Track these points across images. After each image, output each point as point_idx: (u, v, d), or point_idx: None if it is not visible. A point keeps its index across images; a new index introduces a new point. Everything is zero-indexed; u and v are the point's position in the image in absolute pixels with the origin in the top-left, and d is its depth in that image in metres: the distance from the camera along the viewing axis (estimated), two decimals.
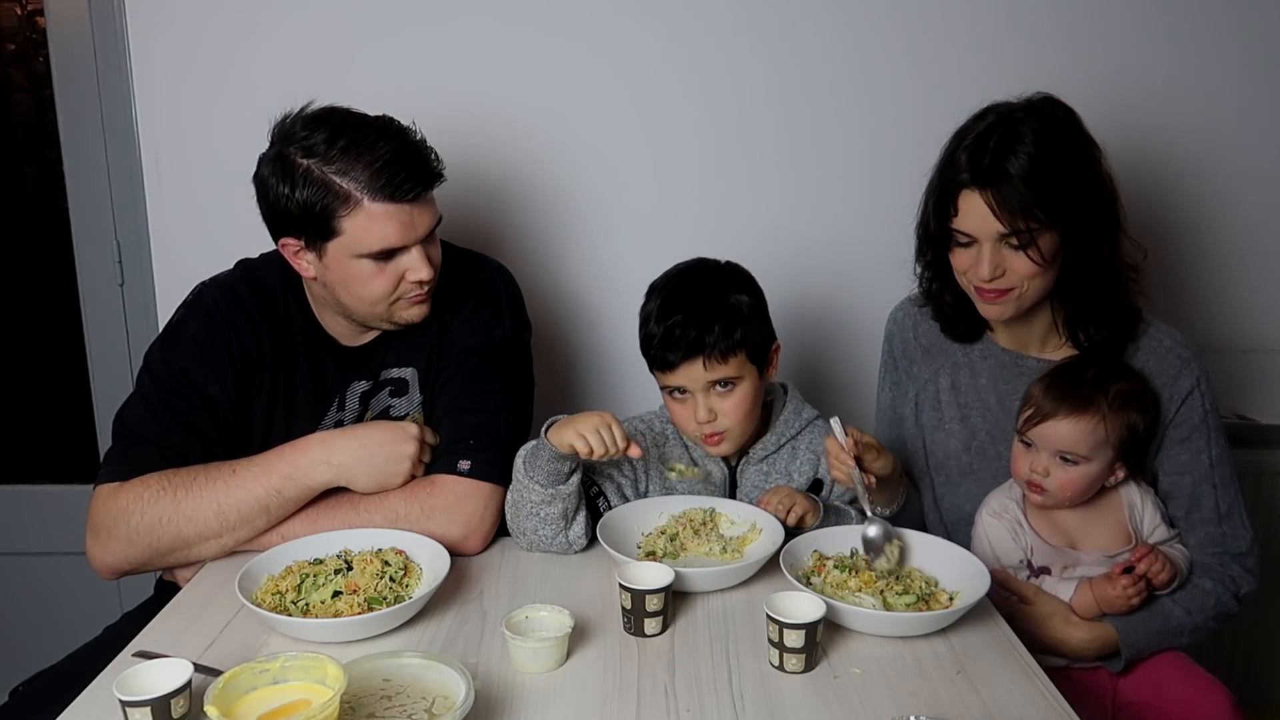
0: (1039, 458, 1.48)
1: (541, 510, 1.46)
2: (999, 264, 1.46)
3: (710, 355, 1.49)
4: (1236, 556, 1.53)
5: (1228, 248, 2.18)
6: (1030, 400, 1.49)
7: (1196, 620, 1.49)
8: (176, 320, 1.58)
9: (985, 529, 1.55)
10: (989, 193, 1.43)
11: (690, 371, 1.51)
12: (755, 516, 1.52)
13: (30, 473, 2.37)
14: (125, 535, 1.43)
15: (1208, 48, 2.05)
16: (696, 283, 1.56)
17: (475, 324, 1.60)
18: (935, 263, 1.60)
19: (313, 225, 1.43)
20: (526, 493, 1.45)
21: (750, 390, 1.54)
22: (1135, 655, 1.48)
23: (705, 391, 1.52)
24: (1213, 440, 1.54)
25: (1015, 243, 1.44)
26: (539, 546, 1.50)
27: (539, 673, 1.19)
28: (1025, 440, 1.50)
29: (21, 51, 2.28)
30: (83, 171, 2.11)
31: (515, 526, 1.50)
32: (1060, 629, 1.47)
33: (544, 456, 1.43)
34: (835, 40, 2.03)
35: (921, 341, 1.70)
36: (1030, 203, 1.41)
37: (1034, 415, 1.47)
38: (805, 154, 2.08)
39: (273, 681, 1.04)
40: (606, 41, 2.02)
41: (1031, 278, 1.47)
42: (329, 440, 1.47)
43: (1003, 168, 1.42)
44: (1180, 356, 1.54)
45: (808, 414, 1.64)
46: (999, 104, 1.49)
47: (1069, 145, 1.45)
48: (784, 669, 1.19)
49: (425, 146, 1.47)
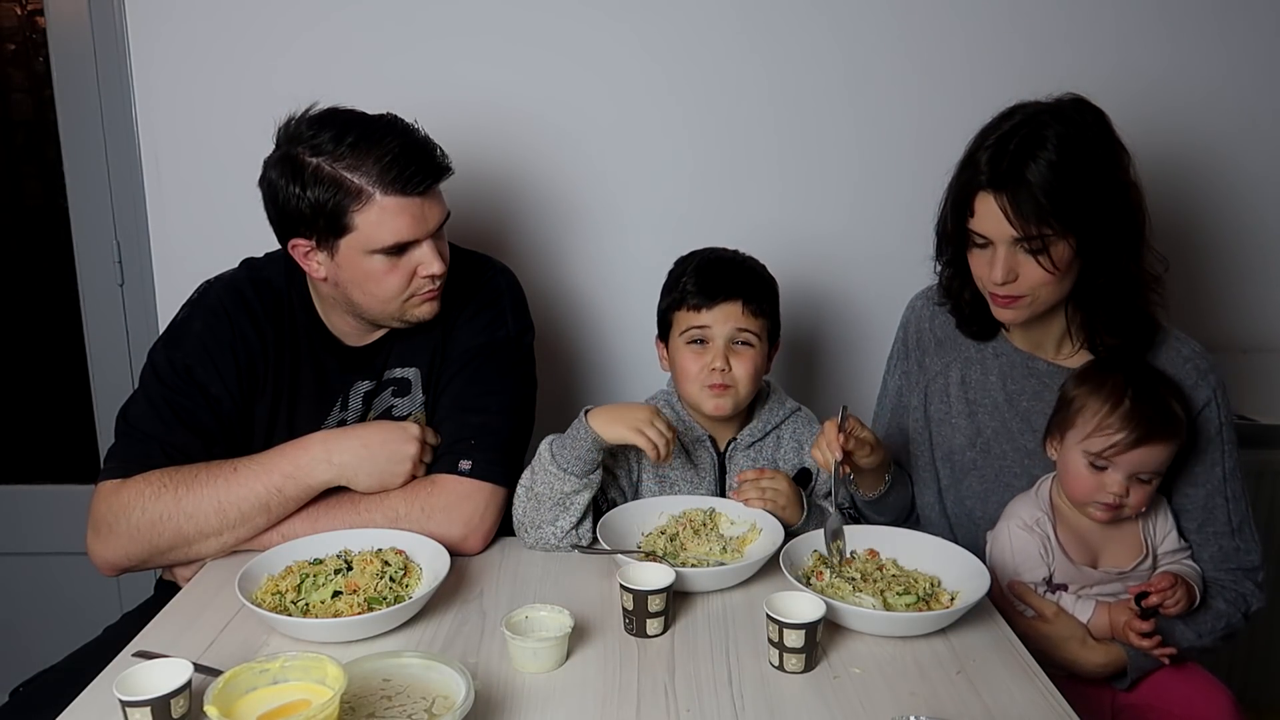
0: (1114, 479, 1.43)
1: (572, 500, 1.48)
2: (1012, 268, 1.44)
3: (749, 301, 1.57)
4: (1249, 571, 1.52)
5: (1227, 248, 2.18)
6: (1109, 428, 1.41)
7: (1206, 642, 1.49)
8: (181, 318, 1.59)
9: (1012, 540, 1.50)
10: (1004, 196, 1.41)
11: (725, 312, 1.57)
12: (755, 516, 1.52)
13: (30, 473, 2.37)
14: (126, 531, 1.43)
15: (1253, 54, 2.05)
16: (735, 254, 1.66)
17: (478, 325, 1.60)
18: (954, 261, 1.58)
19: (325, 223, 1.43)
20: (559, 484, 1.47)
21: (759, 359, 1.60)
22: (1140, 676, 1.48)
23: (727, 342, 1.57)
24: (1226, 453, 1.53)
25: (1029, 248, 1.42)
26: (548, 542, 1.50)
27: (539, 673, 1.19)
28: (1099, 465, 1.43)
29: (21, 51, 2.28)
30: (83, 171, 2.11)
31: (531, 520, 1.50)
32: (1076, 651, 1.46)
33: (584, 446, 1.45)
34: (829, 39, 2.03)
35: (936, 333, 1.68)
36: (1046, 210, 1.39)
37: (1123, 442, 1.40)
38: (804, 153, 2.09)
39: (272, 681, 1.04)
40: (604, 44, 2.02)
41: (1044, 285, 1.45)
42: (330, 439, 1.47)
43: (1020, 172, 1.40)
44: (1198, 367, 1.52)
45: (790, 405, 1.69)
46: (1026, 103, 1.46)
47: (1093, 152, 1.42)
48: (784, 669, 1.19)
49: (431, 141, 1.48)
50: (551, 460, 1.47)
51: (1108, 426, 1.41)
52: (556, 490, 1.47)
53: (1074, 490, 1.47)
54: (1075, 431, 1.45)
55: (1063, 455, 1.48)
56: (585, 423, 1.45)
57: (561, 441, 1.48)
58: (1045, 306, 1.50)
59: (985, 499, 1.60)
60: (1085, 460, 1.44)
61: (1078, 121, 1.43)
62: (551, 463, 1.47)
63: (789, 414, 1.68)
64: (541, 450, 1.49)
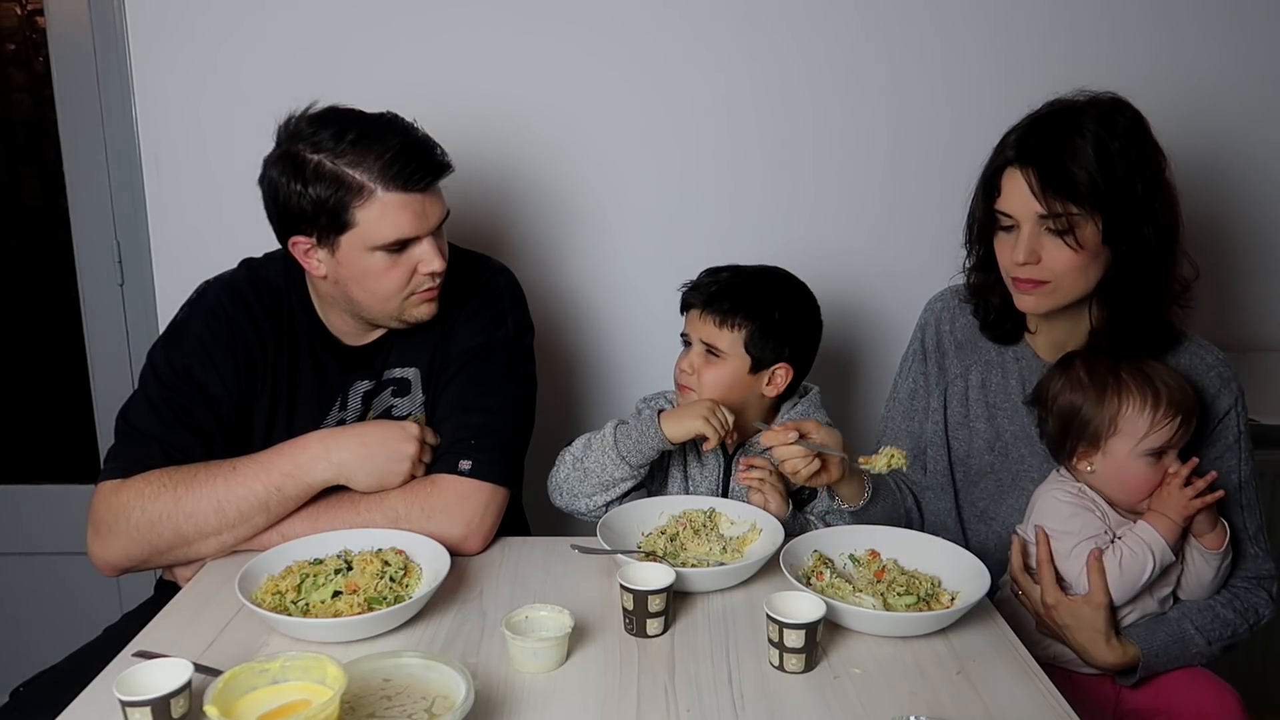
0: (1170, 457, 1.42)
1: (618, 485, 1.56)
2: (1035, 249, 1.41)
3: (711, 312, 1.62)
4: (1263, 580, 1.51)
5: (1228, 248, 2.18)
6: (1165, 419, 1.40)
7: (1214, 650, 1.48)
8: (180, 319, 1.59)
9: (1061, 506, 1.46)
10: (1030, 171, 1.39)
11: (698, 318, 1.64)
12: (755, 516, 1.52)
13: (30, 473, 2.37)
14: (125, 531, 1.43)
15: None
16: (752, 270, 1.69)
17: (478, 325, 1.60)
18: (984, 258, 1.56)
19: (326, 220, 1.43)
20: (613, 468, 1.54)
21: (730, 374, 1.63)
22: (1148, 675, 1.47)
23: (700, 349, 1.64)
24: (1243, 461, 1.52)
25: (1054, 227, 1.40)
26: (578, 510, 1.60)
27: (539, 673, 1.19)
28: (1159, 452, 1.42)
29: (21, 51, 2.28)
30: (83, 171, 2.11)
31: (570, 488, 1.59)
32: (1100, 646, 1.43)
33: (649, 441, 1.53)
34: (830, 39, 2.03)
35: (956, 336, 1.65)
36: (1072, 184, 1.37)
37: (1183, 425, 1.41)
38: (805, 153, 2.09)
39: (272, 681, 1.03)
40: (609, 44, 2.02)
41: (1068, 271, 1.42)
42: (329, 438, 1.47)
43: (1048, 147, 1.39)
44: (1221, 375, 1.51)
45: (819, 417, 1.65)
46: (1064, 97, 1.45)
47: (1126, 142, 1.39)
48: (784, 669, 1.19)
49: (431, 139, 1.48)
50: (614, 444, 1.54)
51: (1161, 421, 1.40)
52: (609, 473, 1.55)
53: (1139, 492, 1.44)
54: (1123, 438, 1.42)
55: (1108, 467, 1.44)
56: (655, 421, 1.53)
57: (627, 430, 1.54)
58: (1068, 298, 1.46)
59: (1000, 500, 1.59)
60: (1146, 456, 1.42)
61: (1114, 115, 1.42)
62: (613, 446, 1.53)
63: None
64: (606, 430, 1.56)
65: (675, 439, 1.53)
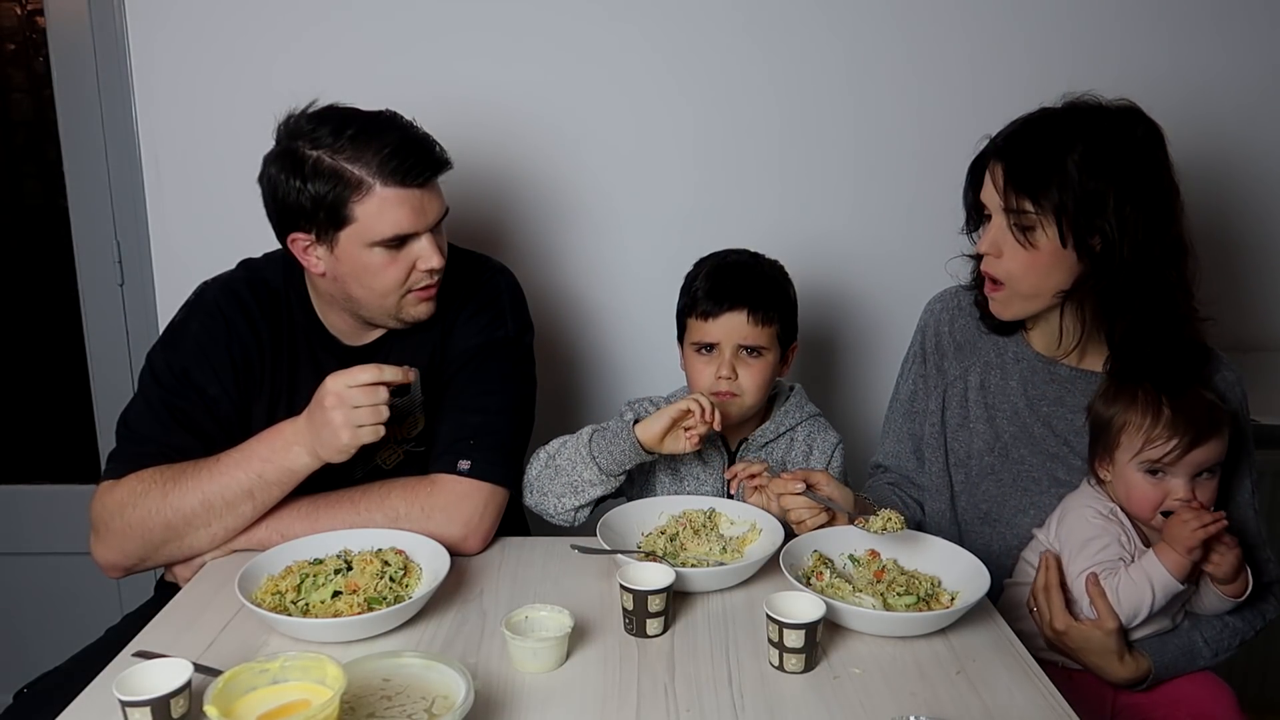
0: (1177, 484, 1.40)
1: (587, 489, 1.52)
2: (997, 241, 1.43)
3: (755, 311, 1.56)
4: (1270, 585, 1.52)
5: (1227, 248, 2.18)
6: (1159, 439, 1.39)
7: (1221, 658, 1.48)
8: (178, 320, 1.59)
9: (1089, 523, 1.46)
10: (1000, 165, 1.42)
11: (730, 321, 1.57)
12: (755, 516, 1.52)
13: (30, 473, 2.37)
14: (120, 529, 1.44)
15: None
16: (749, 259, 1.66)
17: (478, 325, 1.60)
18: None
19: (325, 215, 1.43)
20: (583, 469, 1.50)
21: (769, 368, 1.60)
22: (1154, 685, 1.47)
23: (734, 351, 1.58)
24: (1251, 466, 1.52)
25: (1015, 223, 1.41)
26: (546, 511, 1.56)
27: (539, 673, 1.19)
28: (1155, 471, 1.41)
29: (21, 51, 2.28)
30: (83, 171, 2.11)
31: (539, 485, 1.55)
32: (1114, 664, 1.43)
33: (621, 446, 1.48)
34: (831, 39, 2.03)
35: (956, 337, 1.66)
36: (1031, 184, 1.38)
37: (1178, 447, 1.38)
38: (806, 152, 2.09)
39: (272, 681, 1.03)
40: (605, 43, 2.02)
41: (1023, 272, 1.43)
42: (297, 420, 1.45)
43: (1023, 145, 1.40)
44: (1241, 390, 1.52)
45: (809, 410, 1.70)
46: (1080, 99, 1.45)
47: (1114, 153, 1.38)
48: (784, 669, 1.19)
49: (430, 137, 1.48)
50: (587, 444, 1.51)
51: (1157, 439, 1.39)
52: (578, 473, 1.51)
53: (1140, 507, 1.44)
54: (1124, 450, 1.42)
55: (1118, 477, 1.45)
56: (629, 426, 1.48)
57: (603, 433, 1.51)
58: (1028, 302, 1.47)
59: (1003, 502, 1.59)
60: (1143, 472, 1.41)
61: (1113, 125, 1.40)
62: (586, 445, 1.51)
63: (805, 418, 1.68)
64: (582, 432, 1.54)
65: (649, 440, 1.48)
